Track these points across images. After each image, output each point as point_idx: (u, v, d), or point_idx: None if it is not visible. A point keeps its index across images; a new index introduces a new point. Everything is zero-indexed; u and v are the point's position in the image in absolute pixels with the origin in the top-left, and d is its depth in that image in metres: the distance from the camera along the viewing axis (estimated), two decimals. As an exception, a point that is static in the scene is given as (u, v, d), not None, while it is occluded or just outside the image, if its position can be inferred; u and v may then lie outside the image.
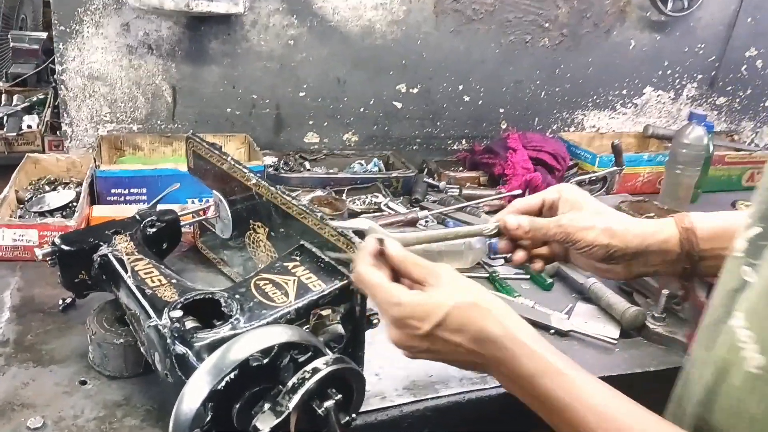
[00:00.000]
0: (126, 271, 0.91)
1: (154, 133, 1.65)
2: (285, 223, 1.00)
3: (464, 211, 1.54)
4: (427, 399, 0.94)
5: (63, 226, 1.18)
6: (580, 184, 1.76)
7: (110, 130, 1.64)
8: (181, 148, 1.61)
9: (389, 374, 0.98)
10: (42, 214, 1.32)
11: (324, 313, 0.85)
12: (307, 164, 1.77)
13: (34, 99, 2.12)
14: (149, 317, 0.82)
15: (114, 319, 0.94)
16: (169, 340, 0.77)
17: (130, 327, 0.89)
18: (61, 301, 1.06)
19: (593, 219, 0.83)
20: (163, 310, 0.81)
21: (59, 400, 0.86)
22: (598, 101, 2.16)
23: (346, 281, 0.87)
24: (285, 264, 0.92)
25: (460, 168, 1.88)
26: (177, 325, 0.78)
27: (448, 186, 1.73)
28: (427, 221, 1.48)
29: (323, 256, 0.92)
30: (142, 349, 0.86)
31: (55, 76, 1.67)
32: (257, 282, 0.88)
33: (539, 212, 0.89)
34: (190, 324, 0.79)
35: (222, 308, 0.82)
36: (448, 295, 0.69)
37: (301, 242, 0.96)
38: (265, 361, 0.71)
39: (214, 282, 1.20)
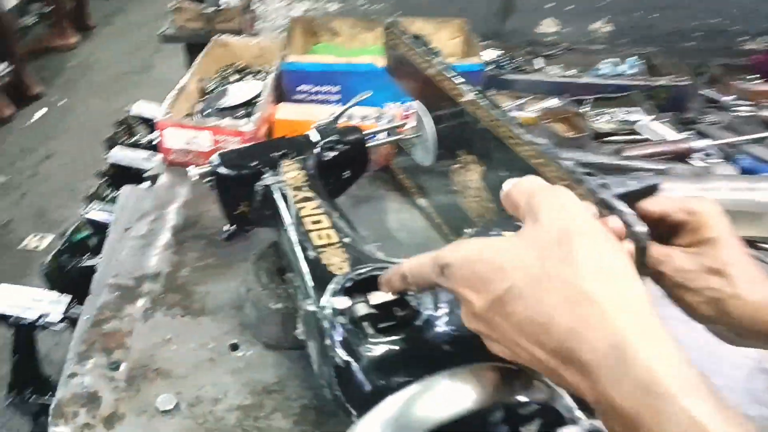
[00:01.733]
0: (290, 215, 0.69)
1: (355, 15, 1.40)
2: (510, 164, 0.69)
3: (766, 144, 1.09)
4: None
5: (237, 132, 1.00)
6: None
7: (305, 11, 1.42)
8: (384, 36, 1.34)
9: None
10: (223, 110, 1.16)
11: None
12: (539, 62, 1.40)
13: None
14: (307, 295, 0.59)
15: (276, 270, 0.74)
16: (327, 341, 0.54)
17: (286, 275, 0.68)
18: (226, 228, 0.89)
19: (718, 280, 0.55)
20: (326, 286, 0.58)
21: (201, 371, 0.70)
22: None
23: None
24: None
25: (756, 76, 1.37)
26: (341, 320, 0.54)
27: (735, 102, 1.26)
28: (707, 155, 1.06)
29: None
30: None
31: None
32: (461, 257, 0.61)
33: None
34: (361, 315, 0.55)
35: (409, 301, 0.57)
36: (528, 243, 0.40)
37: (531, 198, 0.65)
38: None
39: (406, 219, 0.95)
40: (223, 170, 0.76)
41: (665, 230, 0.59)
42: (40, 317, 0.85)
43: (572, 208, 0.41)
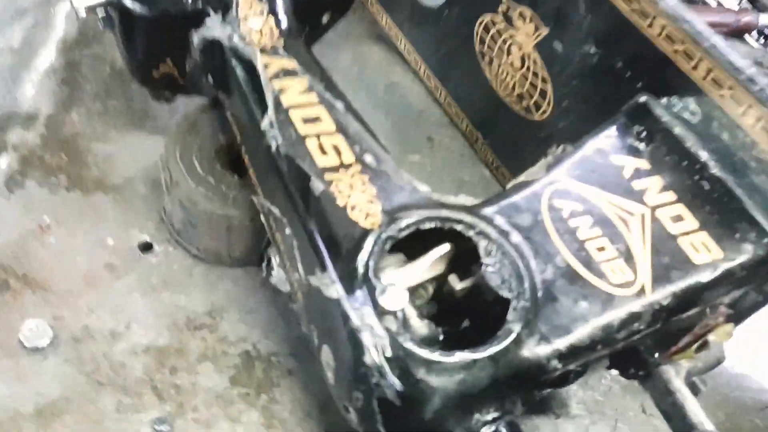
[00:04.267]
0: (266, 103, 0.42)
1: None
2: (604, 34, 0.46)
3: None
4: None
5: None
6: None
7: None
8: None
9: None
10: None
11: (715, 330, 0.38)
12: None
13: None
14: (318, 266, 0.36)
15: (218, 152, 0.49)
16: (368, 359, 0.32)
17: (254, 196, 0.44)
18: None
19: None
20: (346, 247, 0.35)
21: (93, 283, 0.47)
22: None
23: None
24: (618, 155, 0.41)
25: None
26: (392, 326, 0.33)
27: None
28: (766, 37, 0.87)
29: (710, 161, 0.41)
30: (279, 278, 0.42)
31: None
32: (553, 201, 0.39)
33: None
34: (422, 330, 0.34)
35: (488, 279, 0.35)
36: None
37: (644, 98, 0.43)
38: None
39: (397, 78, 0.70)
40: (133, 5, 0.45)
41: None
42: None
43: None
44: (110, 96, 0.59)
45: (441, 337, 0.38)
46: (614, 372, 0.40)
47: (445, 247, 0.37)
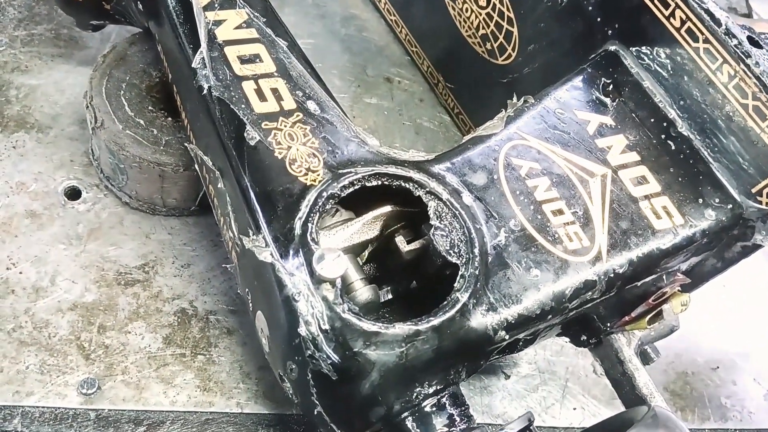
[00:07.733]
0: (193, 32, 0.38)
1: None
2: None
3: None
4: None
5: None
6: None
7: None
8: None
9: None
10: None
11: (674, 296, 0.37)
12: None
13: None
14: (252, 226, 0.33)
15: (146, 89, 0.46)
16: (302, 330, 0.30)
17: (188, 144, 0.41)
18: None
19: None
20: (284, 206, 0.33)
21: (14, 233, 0.43)
22: None
23: (732, 204, 0.37)
24: (582, 110, 0.39)
25: None
26: (329, 294, 0.31)
27: None
28: None
29: (678, 119, 0.39)
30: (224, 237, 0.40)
31: None
32: (510, 158, 0.37)
33: None
34: (365, 295, 0.32)
35: (436, 243, 0.33)
36: None
37: (614, 47, 0.41)
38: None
39: (339, 3, 0.66)
40: None
41: None
42: None
43: None
44: (35, 21, 0.54)
45: (389, 297, 0.37)
46: (565, 339, 0.39)
47: (384, 209, 0.35)
